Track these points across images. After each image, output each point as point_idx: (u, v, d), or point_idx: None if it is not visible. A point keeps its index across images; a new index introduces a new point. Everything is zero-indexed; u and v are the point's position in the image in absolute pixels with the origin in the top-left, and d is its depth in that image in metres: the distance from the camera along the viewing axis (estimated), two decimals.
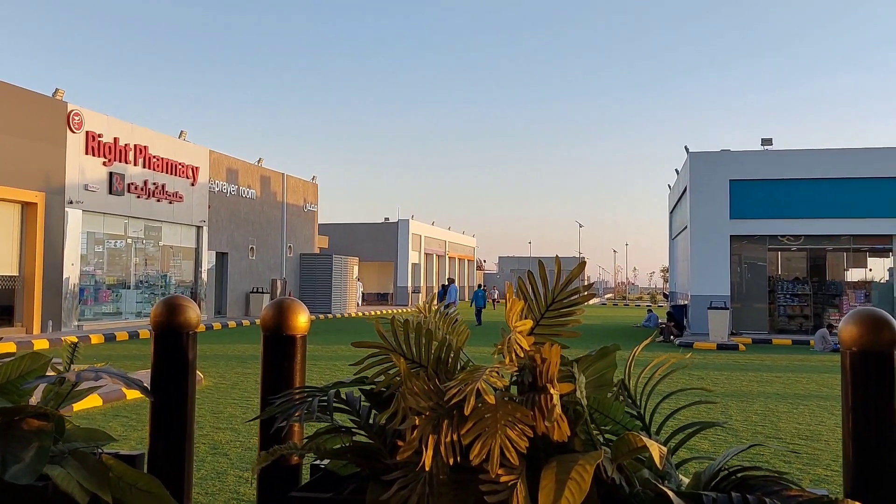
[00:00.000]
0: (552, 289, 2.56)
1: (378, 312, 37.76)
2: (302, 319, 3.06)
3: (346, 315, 33.97)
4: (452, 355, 2.51)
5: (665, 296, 47.82)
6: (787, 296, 24.93)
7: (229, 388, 11.05)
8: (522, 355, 2.28)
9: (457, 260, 61.95)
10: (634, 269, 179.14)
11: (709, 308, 21.43)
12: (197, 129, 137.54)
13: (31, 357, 2.92)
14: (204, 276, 26.92)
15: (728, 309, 21.79)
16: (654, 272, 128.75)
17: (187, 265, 26.44)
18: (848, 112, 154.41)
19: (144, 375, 10.88)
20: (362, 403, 2.60)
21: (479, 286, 34.13)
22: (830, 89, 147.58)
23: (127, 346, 17.71)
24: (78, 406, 8.38)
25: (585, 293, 2.56)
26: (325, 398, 2.50)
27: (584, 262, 2.92)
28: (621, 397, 2.68)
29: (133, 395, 9.61)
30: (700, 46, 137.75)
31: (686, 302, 26.18)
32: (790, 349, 20.14)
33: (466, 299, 55.53)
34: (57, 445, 2.75)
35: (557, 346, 2.27)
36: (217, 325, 23.93)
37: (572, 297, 2.56)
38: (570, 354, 2.53)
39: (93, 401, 9.07)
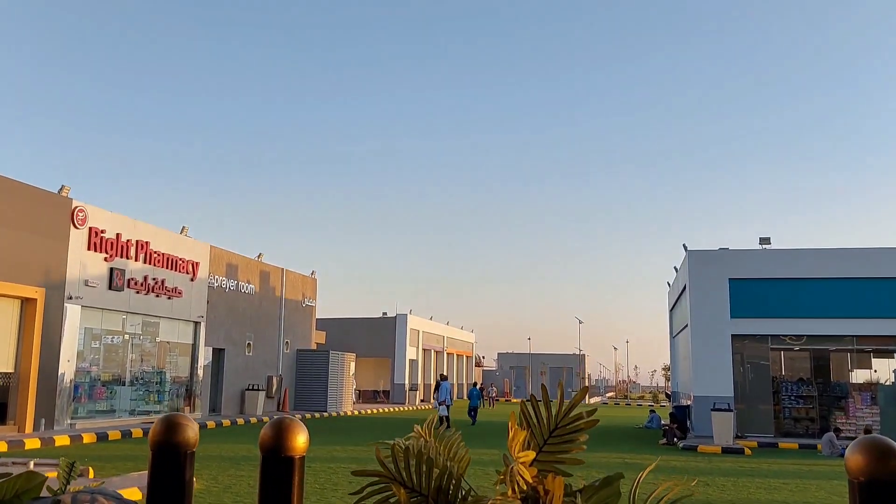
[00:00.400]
0: (555, 414, 2.54)
1: (374, 411, 37.20)
2: (301, 440, 3.02)
3: (342, 413, 33.45)
4: (454, 483, 2.47)
5: (667, 395, 47.26)
6: (792, 397, 24.61)
7: (221, 491, 10.79)
8: (525, 487, 2.25)
9: (455, 356, 61.43)
10: (636, 367, 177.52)
11: (712, 409, 21.13)
12: (199, 223, 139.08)
13: (26, 476, 2.87)
14: (200, 372, 26.65)
15: (732, 411, 21.48)
16: (655, 370, 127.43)
17: (183, 361, 26.21)
18: (847, 211, 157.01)
19: (138, 479, 10.63)
20: None
21: (475, 384, 33.77)
22: (829, 188, 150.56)
23: (120, 445, 17.37)
24: None
25: (589, 419, 2.54)
26: None
27: (587, 388, 2.90)
28: None
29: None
30: (699, 144, 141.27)
31: (689, 402, 25.85)
32: (797, 453, 19.78)
33: (465, 396, 54.71)
34: None
35: (561, 478, 2.24)
36: (211, 424, 23.54)
37: (575, 423, 2.53)
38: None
39: None
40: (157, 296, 24.22)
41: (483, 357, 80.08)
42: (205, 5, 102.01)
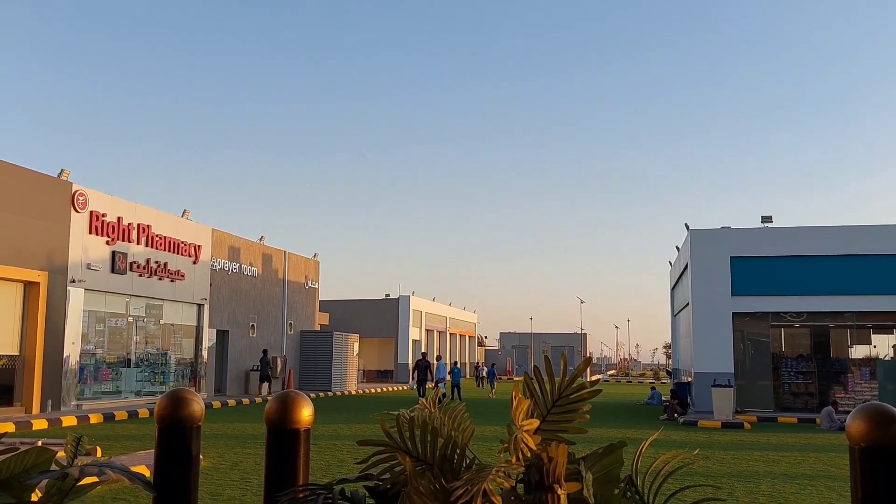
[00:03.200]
0: (558, 385, 2.57)
1: (378, 390, 37.37)
2: (306, 413, 3.06)
3: (346, 393, 33.62)
4: (458, 452, 2.50)
5: (668, 372, 47.44)
6: (792, 373, 24.71)
7: (228, 468, 10.88)
8: (529, 455, 2.28)
9: (458, 336, 61.63)
10: (637, 345, 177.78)
11: (713, 386, 21.23)
12: (200, 207, 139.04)
13: (36, 452, 2.91)
14: (204, 354, 26.77)
15: (732, 387, 21.58)
16: (656, 348, 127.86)
17: (188, 343, 26.33)
18: (848, 189, 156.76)
19: (145, 457, 10.71)
20: (367, 501, 2.58)
21: (455, 363, 34.32)
22: (831, 166, 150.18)
23: (126, 425, 17.49)
24: None
25: (592, 389, 2.57)
26: (330, 496, 2.48)
27: (590, 359, 2.93)
28: (629, 493, 2.65)
29: None
30: (700, 123, 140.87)
31: (690, 379, 25.95)
32: (796, 427, 19.87)
33: (467, 376, 54.90)
34: None
35: (564, 445, 2.27)
36: (217, 404, 23.67)
37: (578, 393, 2.56)
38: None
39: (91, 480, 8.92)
40: (160, 279, 24.28)
41: (486, 337, 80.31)
42: None
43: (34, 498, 2.85)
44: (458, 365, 34.00)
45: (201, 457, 11.56)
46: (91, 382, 21.63)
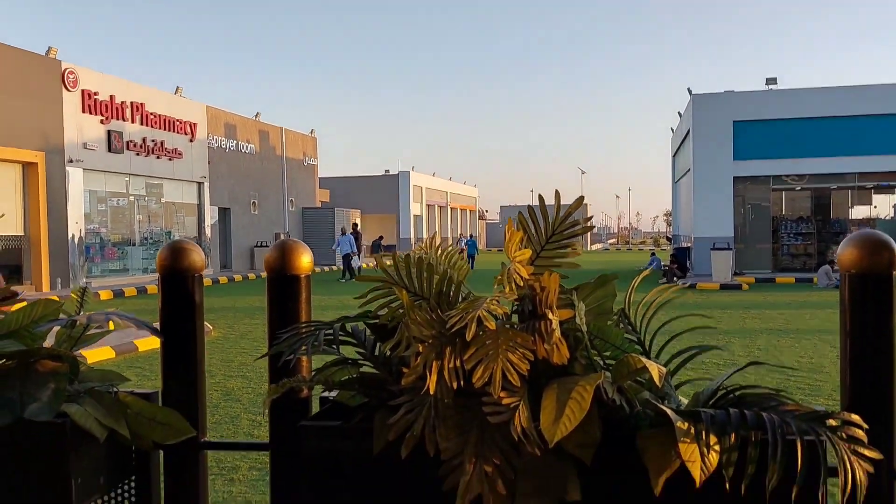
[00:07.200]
0: (552, 221, 2.59)
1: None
2: (305, 259, 3.08)
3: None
4: (454, 288, 2.55)
5: (668, 239, 47.90)
6: (791, 235, 24.96)
7: (238, 338, 11.21)
8: (522, 284, 2.32)
9: (458, 210, 61.90)
10: (638, 213, 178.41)
11: (712, 249, 21.49)
12: (193, 84, 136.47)
13: (43, 303, 2.97)
14: (208, 231, 27.02)
15: (731, 249, 21.85)
16: (657, 216, 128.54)
17: (190, 221, 26.52)
18: (852, 49, 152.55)
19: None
20: (367, 336, 2.65)
21: (471, 236, 35.01)
22: (834, 26, 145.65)
23: (135, 301, 17.90)
24: (91, 358, 8.54)
25: (585, 224, 2.59)
26: (331, 331, 2.55)
27: (582, 198, 2.93)
28: (621, 325, 2.72)
29: (145, 346, 9.79)
30: None
31: (689, 244, 26.24)
32: (793, 287, 20.26)
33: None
34: (72, 385, 2.81)
35: (556, 274, 2.30)
36: (223, 279, 24.12)
37: (572, 229, 2.58)
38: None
39: (105, 353, 9.25)
40: (158, 157, 24.16)
41: (486, 211, 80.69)
42: None
43: (46, 346, 2.94)
44: (473, 237, 34.61)
45: (211, 327, 11.87)
46: (98, 261, 21.97)
